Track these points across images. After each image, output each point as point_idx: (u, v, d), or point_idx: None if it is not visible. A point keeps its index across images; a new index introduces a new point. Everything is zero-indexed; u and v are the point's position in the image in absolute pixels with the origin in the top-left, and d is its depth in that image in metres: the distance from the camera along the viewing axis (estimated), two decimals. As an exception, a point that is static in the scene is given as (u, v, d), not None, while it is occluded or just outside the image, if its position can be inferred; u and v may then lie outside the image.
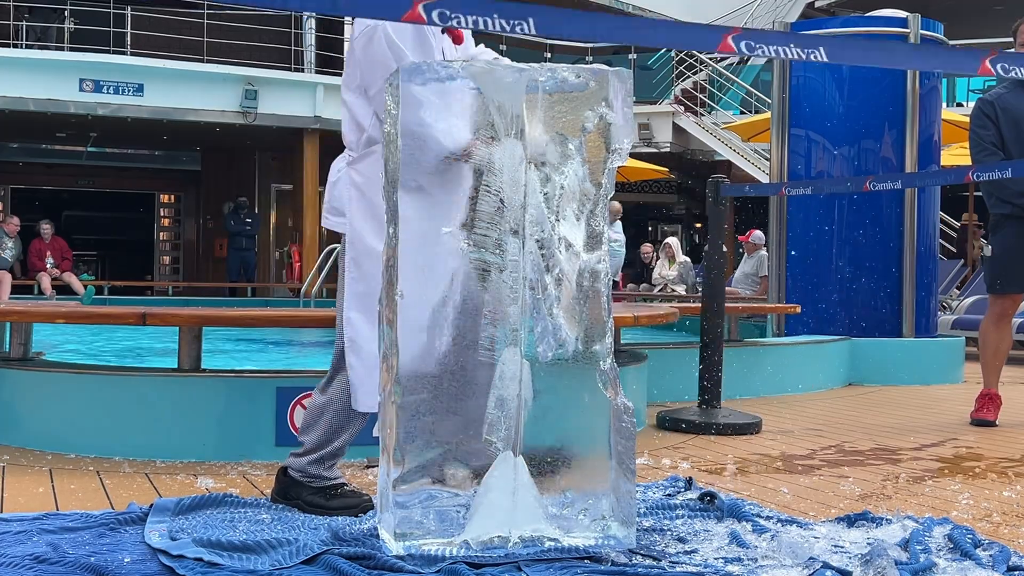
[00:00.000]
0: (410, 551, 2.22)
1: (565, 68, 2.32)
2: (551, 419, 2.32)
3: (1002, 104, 4.86)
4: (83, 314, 4.30)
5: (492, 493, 2.26)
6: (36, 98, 14.39)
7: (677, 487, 3.06)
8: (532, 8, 1.79)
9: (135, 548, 2.29)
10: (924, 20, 7.20)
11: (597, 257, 2.34)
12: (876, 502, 3.08)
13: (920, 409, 5.61)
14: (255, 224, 17.30)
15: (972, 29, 16.81)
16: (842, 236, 7.16)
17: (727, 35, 1.96)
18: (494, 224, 2.29)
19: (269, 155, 19.03)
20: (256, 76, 15.51)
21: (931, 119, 7.31)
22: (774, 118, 7.58)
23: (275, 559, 2.20)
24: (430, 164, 2.30)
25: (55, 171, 19.64)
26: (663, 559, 2.29)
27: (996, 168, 4.30)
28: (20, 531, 2.39)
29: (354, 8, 1.76)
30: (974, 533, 2.52)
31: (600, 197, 2.35)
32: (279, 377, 3.77)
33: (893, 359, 6.91)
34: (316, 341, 9.05)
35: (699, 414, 4.67)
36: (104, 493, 3.05)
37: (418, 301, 2.29)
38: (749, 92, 17.89)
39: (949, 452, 4.12)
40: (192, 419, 3.65)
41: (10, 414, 3.82)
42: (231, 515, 2.62)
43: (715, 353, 4.78)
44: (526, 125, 2.27)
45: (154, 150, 19.62)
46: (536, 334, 2.29)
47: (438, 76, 2.26)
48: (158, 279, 20.14)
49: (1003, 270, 4.90)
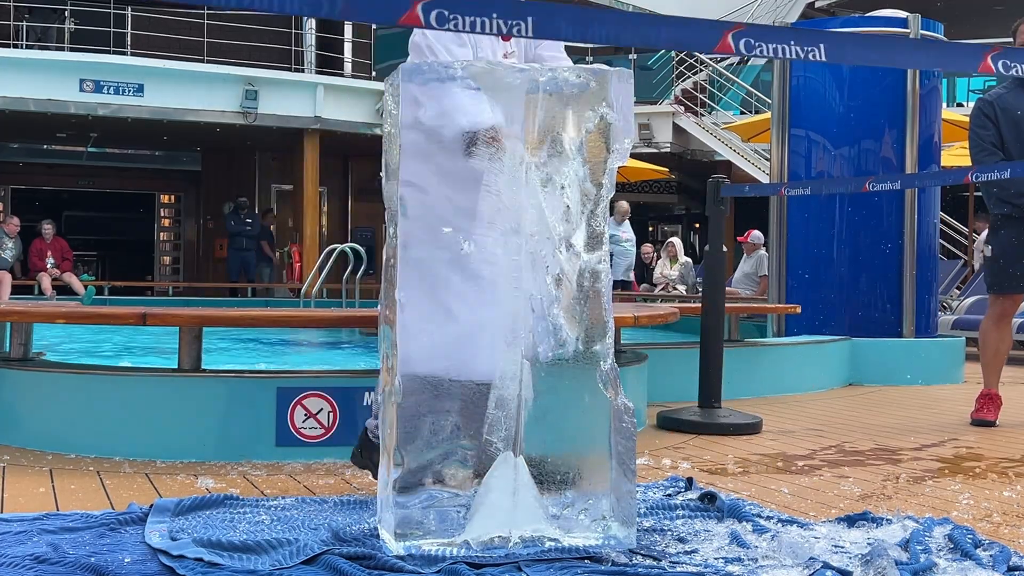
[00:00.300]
0: (410, 551, 2.23)
1: (565, 68, 2.33)
2: (551, 419, 2.32)
3: (1002, 104, 4.85)
4: (83, 314, 4.30)
5: (492, 493, 2.26)
6: (36, 98, 14.40)
7: (677, 487, 3.06)
8: (530, 7, 1.79)
9: (135, 548, 2.29)
10: (924, 20, 7.20)
11: (597, 257, 2.35)
12: (876, 502, 3.08)
13: (920, 409, 5.61)
14: (255, 224, 17.31)
15: (972, 29, 16.81)
16: (842, 236, 7.15)
17: (727, 32, 1.96)
18: (494, 224, 2.29)
19: (269, 155, 19.04)
20: (256, 76, 15.52)
21: (931, 119, 7.31)
22: (774, 118, 7.58)
23: (275, 559, 2.20)
24: (431, 163, 2.30)
25: (55, 171, 19.64)
26: (663, 559, 2.29)
27: (995, 169, 4.30)
28: (20, 531, 2.39)
29: (352, 12, 1.76)
30: (974, 533, 2.52)
31: (601, 197, 2.35)
32: (280, 377, 3.77)
33: (893, 359, 6.91)
34: (316, 341, 9.06)
35: (699, 414, 4.67)
36: (104, 493, 3.05)
37: (418, 301, 2.29)
38: (749, 92, 17.89)
39: (949, 452, 4.11)
40: (192, 419, 3.65)
41: (10, 414, 3.82)
42: (231, 515, 2.62)
43: (715, 353, 4.78)
44: (527, 125, 2.28)
45: (154, 150, 19.63)
46: (537, 334, 2.30)
47: (438, 76, 2.26)
48: (158, 279, 20.15)
49: (1003, 270, 4.90)
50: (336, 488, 3.15)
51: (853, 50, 2.12)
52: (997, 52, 2.05)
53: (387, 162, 2.38)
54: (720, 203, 4.82)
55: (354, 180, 19.72)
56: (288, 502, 2.80)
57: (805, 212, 7.25)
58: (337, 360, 7.52)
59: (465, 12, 1.74)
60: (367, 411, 3.63)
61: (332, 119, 15.91)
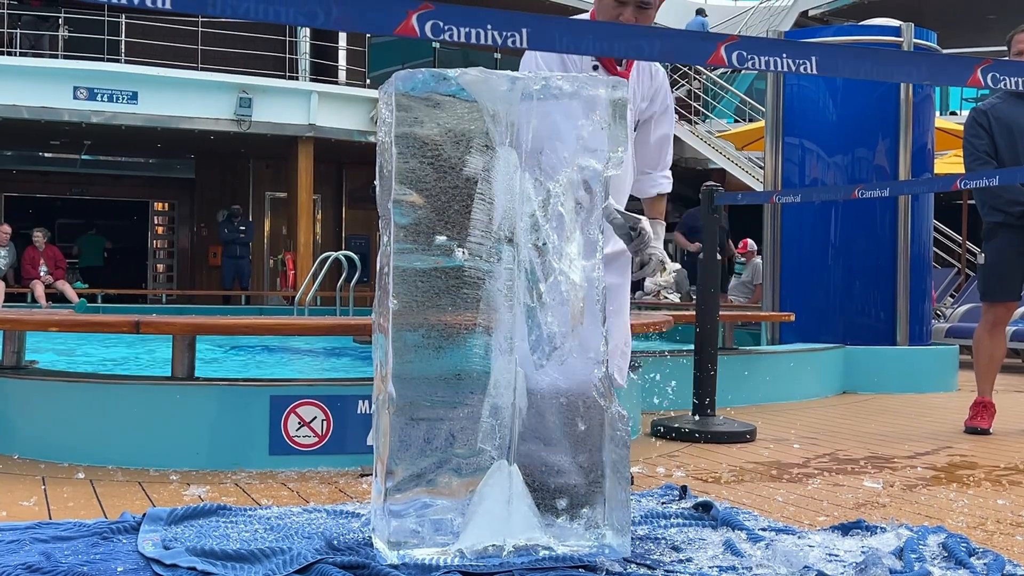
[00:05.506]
0: (404, 560, 2.22)
1: (559, 76, 2.33)
2: (546, 428, 2.32)
3: (995, 114, 4.88)
4: (76, 322, 4.30)
5: (486, 502, 2.26)
6: (30, 106, 14.39)
7: (672, 495, 3.06)
8: (525, 19, 1.80)
9: (128, 557, 2.29)
10: (917, 29, 7.23)
11: (592, 265, 2.35)
12: (870, 510, 3.08)
13: (914, 417, 5.62)
14: (249, 232, 17.29)
15: (966, 39, 16.88)
16: (836, 244, 7.17)
17: (720, 44, 1.96)
18: (488, 232, 2.29)
19: (263, 163, 19.04)
20: (250, 84, 15.53)
21: (925, 127, 7.34)
22: (768, 127, 7.61)
23: (269, 568, 2.19)
24: (424, 171, 2.30)
25: (49, 179, 19.61)
26: (658, 568, 2.29)
27: (984, 176, 4.32)
28: (12, 540, 2.38)
29: (347, 22, 1.76)
30: (968, 541, 2.52)
31: (594, 205, 2.35)
32: (273, 385, 3.77)
33: (887, 367, 6.93)
34: (310, 349, 9.05)
35: (693, 422, 4.67)
36: (97, 502, 3.04)
37: (412, 309, 2.29)
38: (743, 101, 17.94)
39: (943, 460, 4.12)
40: (185, 428, 3.64)
41: (2, 422, 3.81)
42: (225, 524, 2.62)
43: (709, 361, 4.78)
44: (520, 133, 2.28)
45: (148, 158, 19.61)
46: (530, 342, 2.30)
47: (432, 84, 2.26)
48: (152, 287, 20.11)
49: (996, 278, 4.92)
50: (330, 497, 3.15)
51: (845, 63, 2.13)
52: (987, 65, 2.06)
53: (381, 170, 2.38)
54: (714, 211, 4.83)
55: (348, 188, 19.73)
56: (281, 511, 2.79)
57: (799, 220, 7.26)
58: (331, 368, 7.51)
59: (460, 23, 1.75)
60: (361, 419, 3.63)
61: (326, 127, 15.91)
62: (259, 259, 18.78)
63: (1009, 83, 2.08)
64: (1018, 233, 4.84)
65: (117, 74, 14.85)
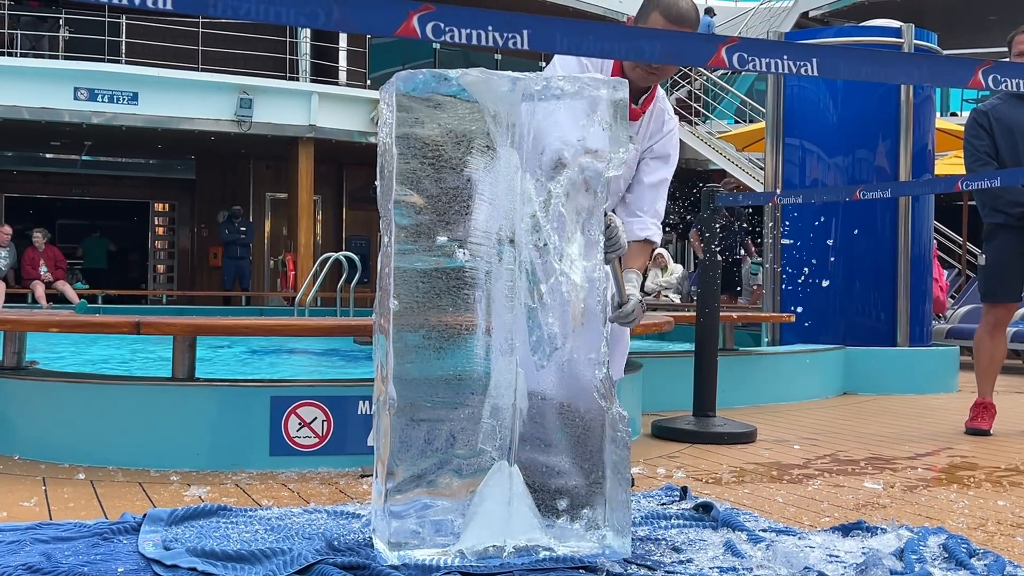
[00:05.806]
0: (404, 561, 2.22)
1: (560, 77, 2.33)
2: (546, 429, 2.32)
3: (996, 115, 4.88)
4: (77, 323, 4.29)
5: (487, 502, 2.26)
6: (30, 106, 14.40)
7: (672, 496, 3.06)
8: (526, 20, 1.80)
9: (129, 558, 2.29)
10: (918, 30, 7.23)
11: (593, 266, 2.35)
12: (871, 511, 3.08)
13: (915, 418, 5.62)
14: (249, 232, 17.28)
15: (967, 40, 16.88)
16: (836, 245, 7.17)
17: (721, 46, 1.96)
18: (489, 233, 2.29)
19: (264, 163, 19.04)
20: (251, 85, 15.53)
21: (925, 128, 7.34)
22: (768, 128, 7.60)
23: (269, 569, 2.19)
24: (425, 171, 2.30)
25: (49, 179, 19.62)
26: (658, 568, 2.29)
27: (984, 177, 4.32)
28: (13, 541, 2.39)
29: (348, 24, 1.76)
30: (969, 542, 2.52)
31: (595, 206, 2.35)
32: (273, 386, 3.77)
33: (888, 368, 6.92)
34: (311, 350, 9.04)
35: (694, 423, 4.67)
36: (98, 502, 3.04)
37: (412, 310, 2.29)
38: (744, 102, 17.93)
39: (944, 461, 4.12)
40: (186, 428, 3.64)
41: (3, 423, 3.81)
42: (225, 525, 2.62)
43: (710, 362, 4.78)
44: (521, 134, 2.28)
45: (148, 159, 19.62)
46: (531, 343, 2.30)
47: (433, 85, 2.26)
48: (152, 288, 20.11)
49: (997, 279, 4.92)
50: (330, 497, 3.15)
51: (845, 64, 2.13)
52: (988, 67, 2.06)
53: (382, 171, 2.38)
54: (715, 212, 4.83)
55: (348, 188, 19.74)
56: (282, 511, 2.79)
57: (799, 221, 7.26)
58: (331, 369, 7.51)
59: (461, 24, 1.75)
60: (361, 420, 3.63)
61: (327, 127, 15.91)
62: (259, 260, 18.79)
63: (1010, 84, 2.08)
64: (1019, 234, 4.84)
65: (117, 75, 14.85)
